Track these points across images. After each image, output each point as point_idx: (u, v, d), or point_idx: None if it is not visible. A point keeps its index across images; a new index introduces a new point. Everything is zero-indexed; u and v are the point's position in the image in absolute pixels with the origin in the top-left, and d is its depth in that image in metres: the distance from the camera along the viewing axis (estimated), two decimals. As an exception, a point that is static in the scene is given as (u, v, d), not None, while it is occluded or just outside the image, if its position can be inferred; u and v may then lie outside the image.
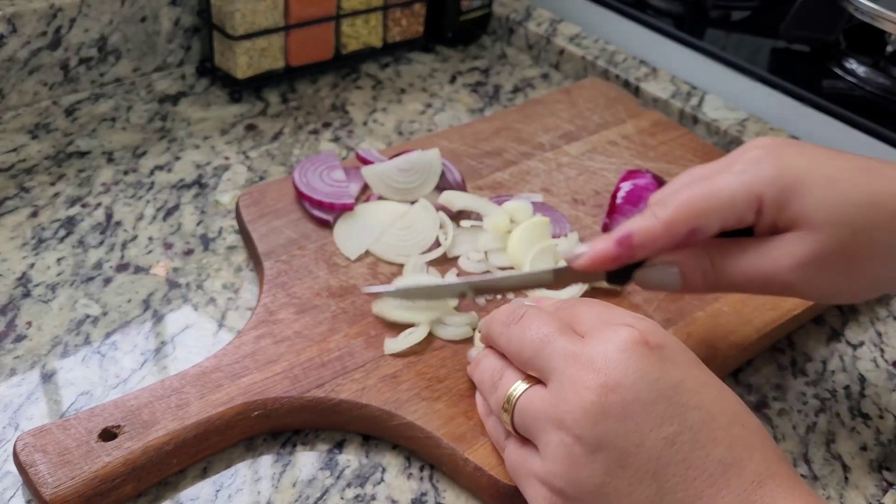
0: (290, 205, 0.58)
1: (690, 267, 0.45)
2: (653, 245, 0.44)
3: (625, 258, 0.45)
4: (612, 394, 0.34)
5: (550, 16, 0.86)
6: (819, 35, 0.78)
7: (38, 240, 0.56)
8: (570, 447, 0.35)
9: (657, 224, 0.44)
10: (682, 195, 0.44)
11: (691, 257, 0.45)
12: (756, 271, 0.43)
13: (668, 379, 0.35)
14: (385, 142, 0.70)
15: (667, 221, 0.43)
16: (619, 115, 0.72)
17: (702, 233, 0.44)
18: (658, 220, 0.44)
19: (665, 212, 0.44)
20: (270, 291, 0.51)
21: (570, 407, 0.35)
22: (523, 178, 0.64)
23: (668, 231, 0.43)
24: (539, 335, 0.39)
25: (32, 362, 0.48)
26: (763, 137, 0.47)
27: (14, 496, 0.41)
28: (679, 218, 0.43)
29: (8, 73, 0.66)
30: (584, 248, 0.45)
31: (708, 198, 0.43)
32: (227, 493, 0.43)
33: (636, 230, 0.44)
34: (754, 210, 0.43)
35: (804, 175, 0.42)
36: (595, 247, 0.45)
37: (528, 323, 0.40)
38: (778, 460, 0.35)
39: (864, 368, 0.54)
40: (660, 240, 0.44)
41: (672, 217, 0.43)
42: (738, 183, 0.43)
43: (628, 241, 0.44)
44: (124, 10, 0.69)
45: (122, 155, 0.64)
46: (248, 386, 0.45)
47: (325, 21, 0.73)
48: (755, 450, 0.35)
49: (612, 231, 0.45)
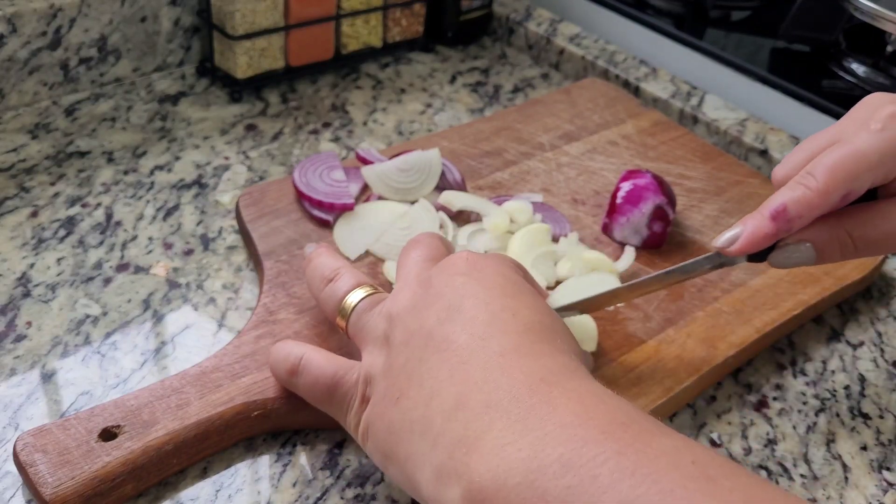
0: (290, 205, 0.58)
1: (826, 241, 0.44)
2: (810, 215, 0.44)
3: (782, 233, 0.44)
4: (423, 292, 0.39)
5: (550, 16, 0.86)
6: (819, 35, 0.78)
7: (38, 240, 0.56)
8: (381, 336, 0.39)
9: (812, 193, 0.43)
10: (829, 160, 0.43)
11: (826, 230, 0.44)
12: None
13: (462, 275, 0.39)
14: (385, 142, 0.70)
15: (822, 189, 0.43)
16: (619, 115, 0.72)
17: (854, 195, 0.44)
18: (812, 190, 0.43)
19: (816, 180, 0.43)
20: (270, 291, 0.51)
21: (395, 304, 0.40)
22: (523, 178, 0.64)
23: (825, 199, 0.43)
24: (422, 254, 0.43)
25: (32, 362, 0.48)
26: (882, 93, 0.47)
27: (14, 496, 0.41)
28: (833, 184, 0.43)
29: (8, 73, 0.66)
30: (736, 230, 0.44)
31: (858, 160, 0.43)
32: (227, 493, 0.43)
33: (790, 203, 0.43)
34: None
35: None
36: (749, 227, 0.44)
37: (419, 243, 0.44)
38: (540, 343, 0.36)
39: (864, 368, 0.54)
40: (817, 209, 0.43)
41: (826, 184, 0.43)
42: (883, 141, 0.43)
43: (784, 215, 0.43)
44: (124, 10, 0.69)
45: (122, 155, 0.64)
46: (248, 386, 0.45)
47: (325, 21, 0.73)
48: (514, 332, 0.36)
49: (762, 208, 0.44)
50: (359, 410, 0.39)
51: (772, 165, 0.69)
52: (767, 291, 0.55)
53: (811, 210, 0.43)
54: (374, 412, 0.38)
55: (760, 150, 0.70)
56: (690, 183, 0.65)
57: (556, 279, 0.54)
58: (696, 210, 0.62)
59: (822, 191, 0.43)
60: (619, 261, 0.56)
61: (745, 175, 0.66)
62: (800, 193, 0.43)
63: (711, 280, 0.56)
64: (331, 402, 0.41)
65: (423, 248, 0.43)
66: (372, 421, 0.38)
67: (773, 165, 0.69)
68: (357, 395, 0.39)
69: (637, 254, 0.57)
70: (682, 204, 0.62)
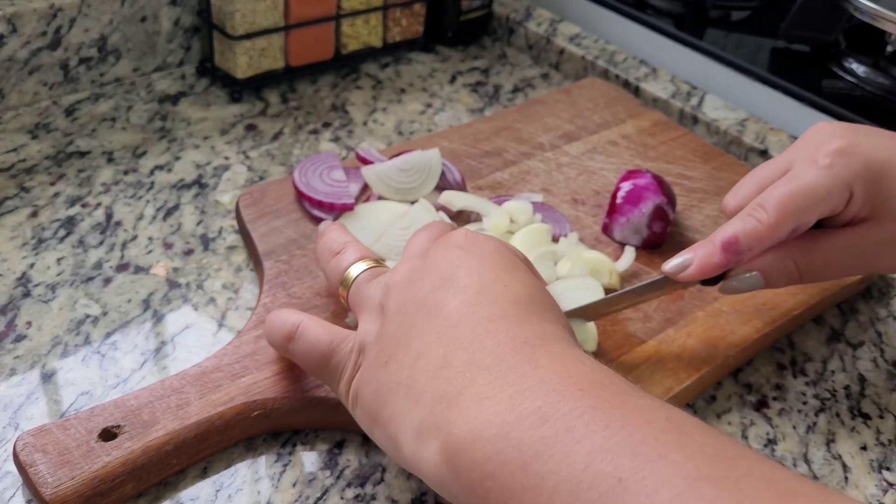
0: (290, 205, 0.58)
1: (774, 270, 0.47)
2: (759, 248, 0.46)
3: (732, 263, 0.46)
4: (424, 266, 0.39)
5: (550, 16, 0.86)
6: (819, 35, 0.78)
7: (38, 240, 0.56)
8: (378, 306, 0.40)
9: (762, 227, 0.45)
10: (779, 194, 0.45)
11: (774, 260, 0.46)
12: (842, 265, 0.47)
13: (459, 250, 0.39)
14: (385, 142, 0.70)
15: (772, 224, 0.45)
16: (619, 115, 0.72)
17: (802, 228, 0.46)
18: (763, 224, 0.45)
19: (767, 214, 0.45)
20: (270, 291, 0.51)
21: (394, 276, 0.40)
22: (523, 178, 0.64)
23: (774, 233, 0.45)
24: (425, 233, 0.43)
25: (32, 362, 0.48)
26: (824, 122, 0.49)
27: (14, 496, 0.41)
28: (783, 218, 0.45)
29: (8, 73, 0.66)
30: (687, 257, 0.46)
31: (807, 195, 0.45)
32: (227, 493, 0.43)
33: (741, 236, 0.45)
34: (845, 202, 0.46)
35: (885, 167, 0.45)
36: (701, 256, 0.46)
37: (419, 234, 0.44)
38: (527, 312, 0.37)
39: (864, 368, 0.54)
40: (767, 241, 0.46)
41: (777, 219, 0.45)
42: (832, 177, 0.45)
43: (735, 247, 0.45)
44: (124, 10, 0.69)
45: (122, 155, 0.64)
46: (248, 386, 0.45)
47: (325, 21, 0.73)
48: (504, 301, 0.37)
49: (713, 237, 0.46)
50: (350, 377, 0.40)
51: (772, 165, 0.69)
52: (767, 291, 0.55)
53: (761, 243, 0.45)
54: (363, 377, 0.39)
55: (760, 150, 0.70)
56: (690, 183, 0.65)
57: (557, 279, 0.54)
58: (696, 210, 0.62)
59: (772, 225, 0.45)
60: (619, 261, 0.56)
61: (745, 175, 0.66)
62: (751, 226, 0.45)
63: (711, 280, 0.56)
64: (325, 370, 0.42)
65: (430, 229, 0.44)
66: (361, 386, 0.39)
67: (773, 165, 0.69)
68: (350, 363, 0.40)
69: (637, 254, 0.57)
70: (682, 204, 0.62)
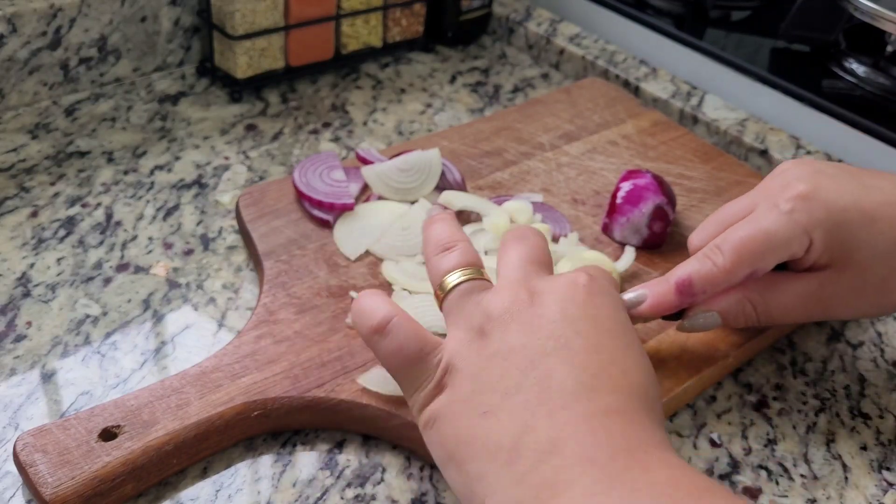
0: (290, 205, 0.58)
1: (732, 311, 0.47)
2: (713, 290, 0.46)
3: (686, 304, 0.47)
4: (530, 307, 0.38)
5: (550, 16, 0.86)
6: (819, 35, 0.78)
7: (38, 240, 0.56)
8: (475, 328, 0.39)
9: (717, 271, 0.46)
10: (736, 237, 0.46)
11: (733, 303, 0.47)
12: (800, 310, 0.48)
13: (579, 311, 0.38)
14: (385, 142, 0.70)
15: (727, 268, 0.45)
16: (619, 115, 0.72)
17: (760, 272, 0.46)
18: (718, 268, 0.46)
19: (723, 258, 0.46)
20: (270, 291, 0.51)
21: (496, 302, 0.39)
22: (523, 178, 0.64)
23: (729, 277, 0.46)
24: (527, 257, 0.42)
25: (32, 362, 0.48)
26: (793, 162, 0.49)
27: (14, 496, 0.41)
28: (738, 263, 0.45)
29: (8, 73, 0.66)
30: (640, 292, 0.47)
31: (764, 241, 0.45)
32: (227, 493, 0.43)
33: (696, 278, 0.46)
34: (805, 249, 0.46)
35: (848, 215, 0.46)
36: (655, 295, 0.47)
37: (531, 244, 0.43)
38: (641, 411, 0.36)
39: (864, 368, 0.54)
40: (720, 285, 0.46)
41: (732, 263, 0.45)
42: (791, 223, 0.45)
43: (689, 289, 0.46)
44: (124, 10, 0.69)
45: (122, 155, 0.64)
46: (248, 386, 0.45)
47: (325, 21, 0.73)
48: (620, 392, 0.36)
49: (669, 275, 0.47)
50: (431, 394, 0.39)
51: (772, 165, 0.69)
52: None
53: (715, 286, 0.46)
54: (450, 409, 0.37)
55: (760, 150, 0.70)
56: (690, 183, 0.65)
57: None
58: (696, 210, 0.62)
59: (727, 269, 0.45)
60: (619, 261, 0.56)
61: (745, 175, 0.66)
62: (706, 269, 0.46)
63: (711, 280, 0.56)
64: (405, 375, 0.40)
65: (526, 246, 0.42)
66: (445, 415, 0.37)
67: (773, 165, 0.69)
68: (433, 379, 0.39)
69: (637, 254, 0.57)
70: (682, 204, 0.62)
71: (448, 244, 0.43)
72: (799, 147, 0.69)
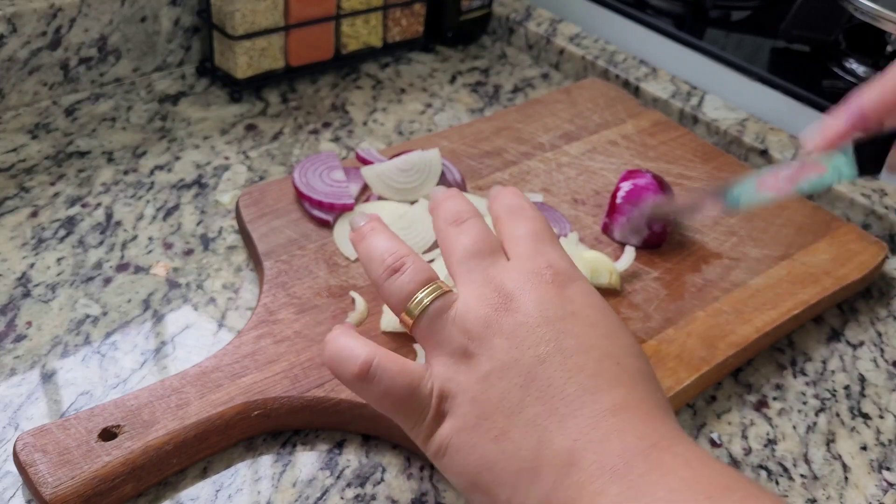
0: (290, 205, 0.58)
1: None
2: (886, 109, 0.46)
3: (857, 129, 0.46)
4: (507, 315, 0.37)
5: (550, 16, 0.86)
6: (819, 35, 0.78)
7: (38, 240, 0.56)
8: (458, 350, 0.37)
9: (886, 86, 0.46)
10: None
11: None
12: None
13: (558, 310, 0.37)
14: (385, 142, 0.70)
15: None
16: (619, 115, 0.72)
17: None
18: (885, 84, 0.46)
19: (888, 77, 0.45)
20: (270, 291, 0.51)
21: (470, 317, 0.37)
22: (523, 178, 0.64)
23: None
24: (471, 247, 0.40)
25: (32, 362, 0.48)
26: None
27: (14, 496, 0.41)
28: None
29: (8, 73, 0.66)
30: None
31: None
32: (227, 493, 0.43)
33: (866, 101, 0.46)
34: None
35: None
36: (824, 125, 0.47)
37: (468, 230, 0.41)
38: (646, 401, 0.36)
39: (864, 368, 0.54)
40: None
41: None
42: None
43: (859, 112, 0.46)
44: (124, 10, 0.69)
45: (122, 155, 0.64)
46: (248, 386, 0.45)
47: (325, 21, 0.73)
48: (621, 385, 0.36)
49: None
50: (432, 425, 0.37)
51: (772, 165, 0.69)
52: (767, 291, 0.55)
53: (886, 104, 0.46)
54: (460, 439, 0.36)
55: (760, 150, 0.70)
56: (690, 183, 0.65)
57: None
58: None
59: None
60: (619, 261, 0.56)
61: (744, 175, 0.66)
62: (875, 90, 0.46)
63: (711, 280, 0.56)
64: (398, 413, 0.38)
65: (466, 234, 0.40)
66: (456, 445, 0.37)
67: (772, 165, 0.69)
68: (430, 409, 0.37)
69: (637, 254, 0.57)
70: (682, 204, 0.62)
71: (394, 263, 0.40)
72: (799, 147, 0.69)
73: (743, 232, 0.60)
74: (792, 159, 0.47)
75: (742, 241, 0.60)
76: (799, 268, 0.58)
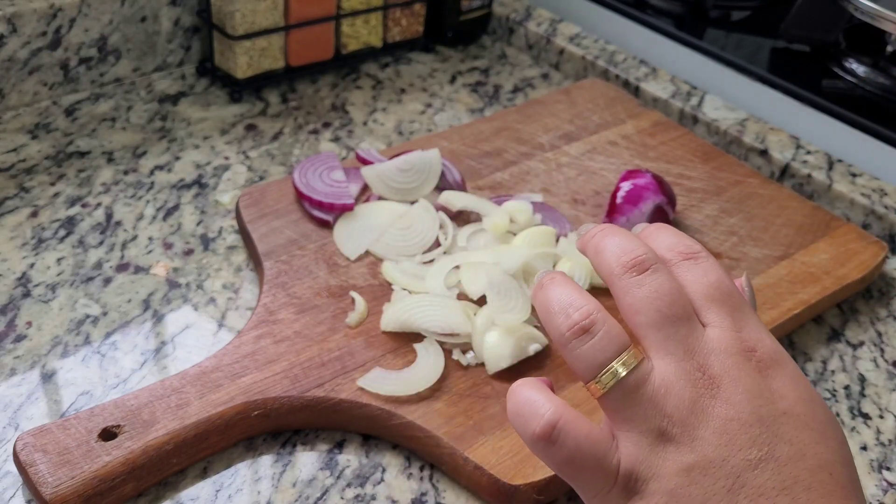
0: (290, 205, 0.58)
1: None
2: None
3: None
4: (716, 405, 0.34)
5: (550, 16, 0.86)
6: (819, 35, 0.78)
7: (38, 240, 0.56)
8: (654, 430, 0.34)
9: None
10: None
11: None
12: None
13: (772, 407, 0.34)
14: (385, 142, 0.70)
15: None
16: (619, 115, 0.72)
17: None
18: None
19: None
20: (270, 291, 0.51)
21: (672, 397, 0.34)
22: (523, 178, 0.64)
23: None
24: (666, 310, 0.35)
25: (32, 362, 0.48)
26: None
27: (14, 496, 0.41)
28: None
29: (8, 73, 0.66)
30: None
31: None
32: (227, 493, 0.43)
33: None
34: None
35: None
36: None
37: (656, 284, 0.35)
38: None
39: (864, 368, 0.54)
40: None
41: None
42: None
43: None
44: (124, 10, 0.69)
45: (122, 155, 0.64)
46: (248, 386, 0.45)
47: (325, 21, 0.73)
48: (833, 499, 0.33)
49: None
50: (618, 501, 0.34)
51: (772, 165, 0.69)
52: (767, 291, 0.55)
53: None
54: None
55: (760, 150, 0.70)
56: (690, 183, 0.65)
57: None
58: (696, 210, 0.62)
59: None
60: (619, 261, 0.56)
61: (745, 175, 0.66)
62: None
63: (711, 280, 0.56)
64: (576, 479, 0.35)
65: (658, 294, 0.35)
66: None
67: (773, 165, 0.69)
68: (616, 485, 0.34)
69: (637, 254, 0.57)
70: (682, 204, 0.62)
71: (581, 321, 0.35)
72: (799, 147, 0.69)
73: (743, 232, 0.60)
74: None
75: (742, 240, 0.60)
76: (799, 267, 0.58)
